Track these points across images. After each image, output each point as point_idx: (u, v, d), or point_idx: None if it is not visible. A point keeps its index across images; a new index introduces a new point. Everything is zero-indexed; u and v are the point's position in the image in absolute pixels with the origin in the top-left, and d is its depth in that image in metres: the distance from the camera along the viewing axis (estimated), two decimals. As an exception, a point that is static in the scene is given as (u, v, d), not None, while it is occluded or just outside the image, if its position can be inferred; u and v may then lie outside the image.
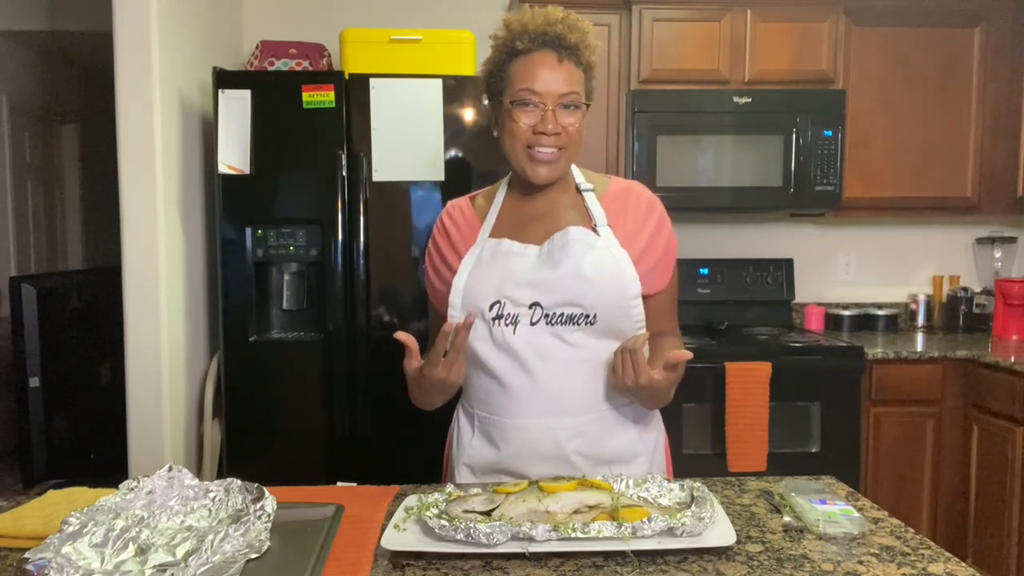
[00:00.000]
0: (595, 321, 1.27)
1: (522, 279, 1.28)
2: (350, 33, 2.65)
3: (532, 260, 1.29)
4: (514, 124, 1.28)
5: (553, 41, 1.27)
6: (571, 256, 1.27)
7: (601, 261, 1.27)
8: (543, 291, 1.27)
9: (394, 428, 2.53)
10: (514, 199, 1.39)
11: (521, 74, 1.27)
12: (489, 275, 1.29)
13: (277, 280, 2.60)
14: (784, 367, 2.65)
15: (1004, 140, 3.08)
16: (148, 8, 2.34)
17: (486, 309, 1.28)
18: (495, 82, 1.33)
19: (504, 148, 1.33)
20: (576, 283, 1.26)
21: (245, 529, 0.97)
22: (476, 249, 1.34)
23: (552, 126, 1.26)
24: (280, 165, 2.49)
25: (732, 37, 2.97)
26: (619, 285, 1.27)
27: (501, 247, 1.32)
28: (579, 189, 1.38)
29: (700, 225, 3.36)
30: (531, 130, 1.27)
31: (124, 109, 2.37)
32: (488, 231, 1.36)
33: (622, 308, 1.28)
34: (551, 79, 1.26)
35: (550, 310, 1.27)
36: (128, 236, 2.40)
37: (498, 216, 1.38)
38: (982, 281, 3.44)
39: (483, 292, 1.29)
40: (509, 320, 1.28)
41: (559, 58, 1.27)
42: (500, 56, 1.32)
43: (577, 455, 1.30)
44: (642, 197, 1.38)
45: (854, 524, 1.07)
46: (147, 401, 2.43)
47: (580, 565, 0.96)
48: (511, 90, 1.29)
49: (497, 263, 1.30)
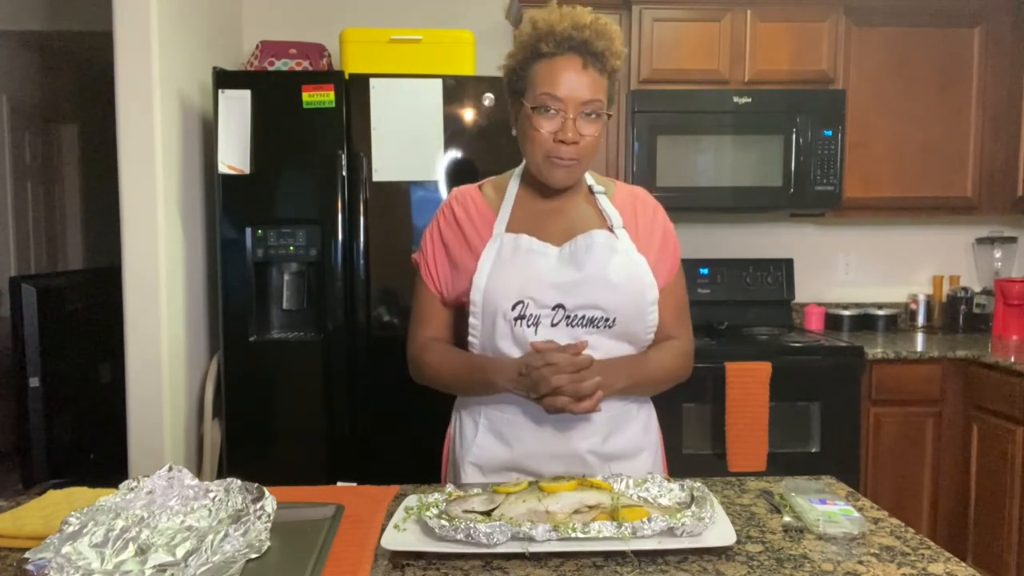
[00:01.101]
0: (614, 324, 1.28)
1: (547, 281, 1.27)
2: (350, 33, 2.65)
3: (554, 261, 1.29)
4: (535, 132, 1.26)
5: (579, 47, 1.24)
6: (596, 260, 1.27)
7: (624, 266, 1.28)
8: (568, 293, 1.27)
9: (394, 428, 2.53)
10: (529, 193, 1.38)
11: (544, 78, 1.25)
12: (511, 275, 1.28)
13: (277, 280, 2.60)
14: (784, 367, 2.65)
15: (1004, 140, 3.08)
16: (148, 8, 2.34)
17: (508, 309, 1.27)
18: (516, 80, 1.32)
19: (523, 151, 1.32)
20: (601, 287, 1.26)
21: (245, 529, 0.97)
22: (494, 244, 1.32)
23: (572, 135, 1.24)
24: (280, 165, 2.49)
25: (732, 37, 2.97)
26: (640, 290, 1.28)
27: (521, 243, 1.30)
28: (592, 191, 1.39)
29: (700, 225, 3.36)
30: (552, 138, 1.25)
31: (124, 109, 2.37)
32: (504, 224, 1.34)
33: (640, 313, 1.29)
34: (574, 85, 1.24)
35: (572, 312, 1.27)
36: (128, 236, 2.40)
37: (512, 209, 1.36)
38: (982, 281, 3.44)
39: (505, 292, 1.27)
40: (531, 321, 1.27)
41: (584, 64, 1.24)
42: (523, 55, 1.29)
43: (590, 453, 1.31)
44: (647, 203, 1.40)
45: (854, 524, 1.07)
46: (147, 401, 2.43)
47: (580, 565, 0.97)
48: (532, 93, 1.27)
49: (518, 261, 1.29)
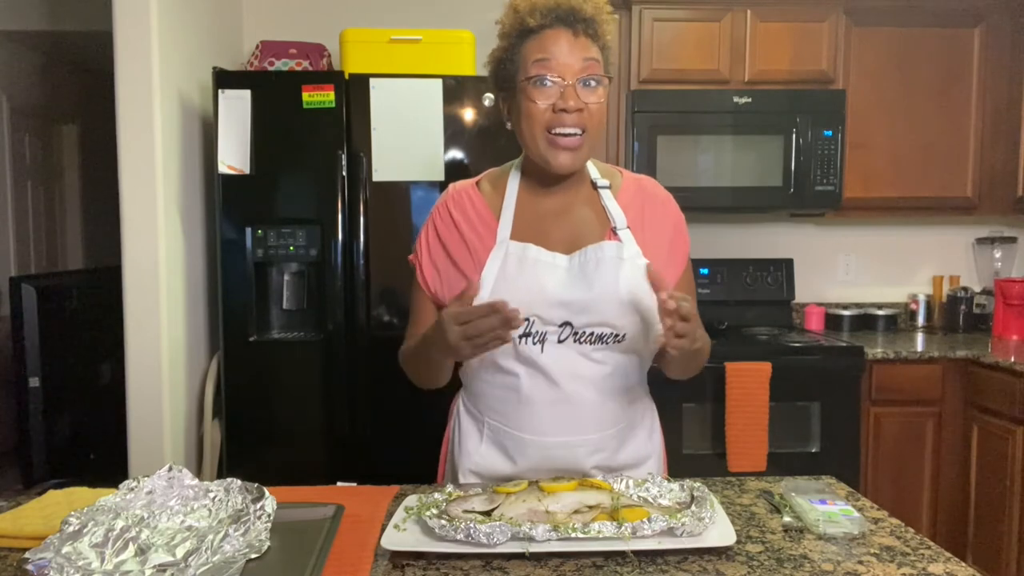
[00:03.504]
0: (623, 339, 1.23)
1: (554, 298, 1.20)
2: (350, 33, 2.65)
3: (562, 274, 1.22)
4: (531, 104, 1.17)
5: (567, 16, 1.17)
6: (606, 277, 1.20)
7: (633, 279, 1.20)
8: (576, 312, 1.21)
9: (394, 428, 2.53)
10: (528, 192, 1.29)
11: (535, 49, 1.17)
12: (517, 290, 1.19)
13: (277, 280, 2.60)
14: (784, 367, 2.65)
15: (1004, 140, 3.08)
16: (148, 8, 2.34)
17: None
18: (505, 68, 1.22)
19: (521, 136, 1.22)
20: (612, 306, 1.20)
21: (245, 529, 0.97)
22: (498, 253, 1.24)
23: (573, 102, 1.15)
24: (280, 165, 2.49)
25: (732, 37, 2.97)
26: (651, 301, 1.18)
27: (528, 254, 1.23)
28: (595, 185, 1.30)
29: (700, 225, 3.35)
30: (550, 109, 1.16)
31: (124, 109, 2.37)
32: (508, 230, 1.26)
33: (649, 323, 1.22)
34: (568, 52, 1.16)
35: (580, 329, 1.22)
36: (128, 236, 2.40)
37: (514, 210, 1.28)
38: (982, 281, 3.44)
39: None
40: (537, 338, 1.22)
41: (575, 33, 1.17)
42: (509, 40, 1.21)
43: (596, 469, 1.27)
44: (657, 196, 1.32)
45: (854, 524, 1.07)
46: (147, 401, 2.43)
47: (580, 565, 0.96)
48: (524, 68, 1.18)
49: (525, 274, 1.21)
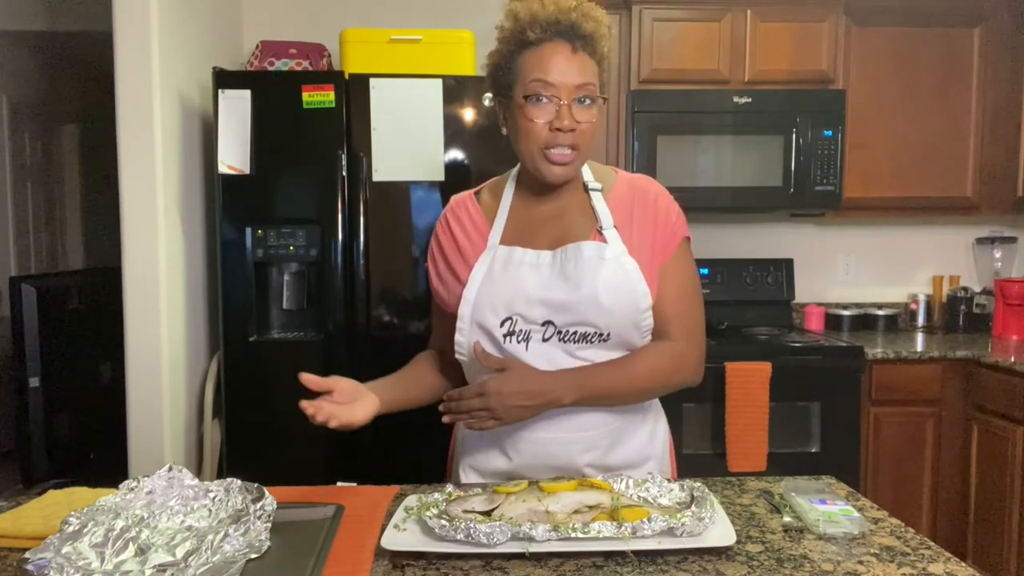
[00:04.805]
0: (608, 338, 1.24)
1: (534, 297, 1.23)
2: (350, 33, 2.65)
3: (544, 272, 1.24)
4: (529, 123, 1.20)
5: (567, 31, 1.19)
6: (585, 276, 1.21)
7: (614, 278, 1.21)
8: (557, 311, 1.22)
9: (394, 428, 2.52)
10: (523, 199, 1.33)
11: (533, 65, 1.20)
12: (500, 289, 1.24)
13: (277, 280, 2.60)
14: (784, 367, 2.65)
15: (1004, 140, 3.08)
16: (148, 8, 2.34)
17: (497, 325, 1.24)
18: (502, 76, 1.25)
19: (517, 148, 1.26)
20: (591, 307, 1.21)
21: (245, 529, 0.97)
22: (487, 256, 1.28)
23: (568, 122, 1.19)
24: (280, 165, 2.49)
25: (732, 37, 2.97)
26: (633, 301, 1.22)
27: (513, 256, 1.26)
28: (587, 188, 1.32)
29: (700, 225, 3.35)
30: (547, 127, 1.20)
31: (124, 109, 2.37)
32: (498, 236, 1.30)
33: (634, 322, 1.23)
34: (565, 70, 1.19)
35: (563, 328, 1.23)
36: (128, 236, 2.39)
37: (507, 217, 1.32)
38: (982, 281, 3.44)
39: (494, 307, 1.24)
40: (521, 337, 1.24)
41: (573, 48, 1.20)
42: (508, 48, 1.24)
43: (589, 467, 1.28)
44: (648, 193, 1.31)
45: (854, 524, 1.07)
46: (147, 401, 2.43)
47: (580, 565, 0.96)
48: (522, 84, 1.21)
49: (509, 274, 1.25)
